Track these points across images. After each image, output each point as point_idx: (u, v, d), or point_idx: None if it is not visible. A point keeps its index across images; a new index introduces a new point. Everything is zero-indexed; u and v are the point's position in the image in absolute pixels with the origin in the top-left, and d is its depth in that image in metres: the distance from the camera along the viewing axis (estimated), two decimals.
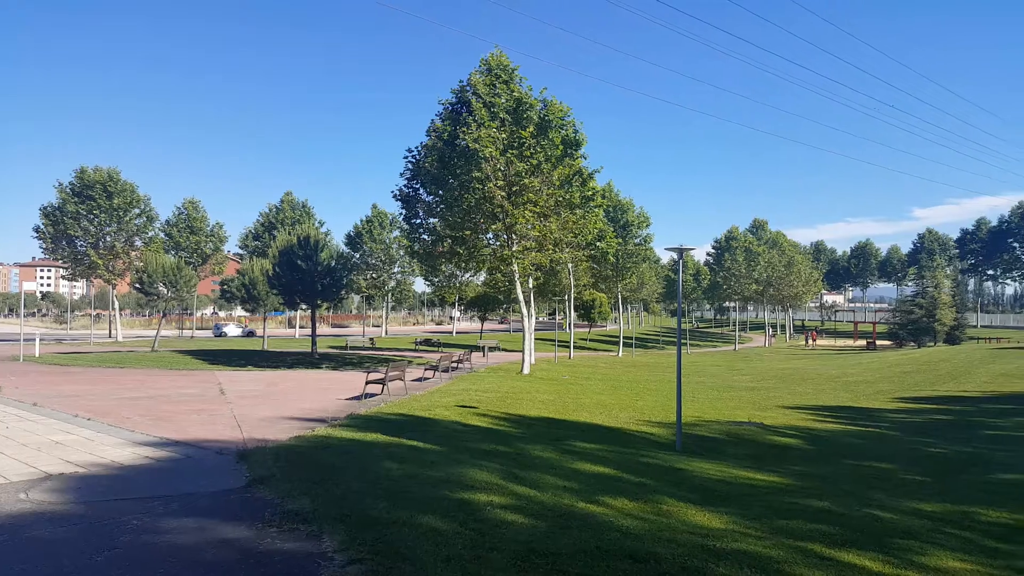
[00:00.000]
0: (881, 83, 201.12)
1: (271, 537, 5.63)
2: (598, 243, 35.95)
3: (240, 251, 67.18)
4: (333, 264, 36.19)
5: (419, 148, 27.43)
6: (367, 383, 17.78)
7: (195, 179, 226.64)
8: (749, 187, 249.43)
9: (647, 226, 51.98)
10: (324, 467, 8.48)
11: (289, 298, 36.39)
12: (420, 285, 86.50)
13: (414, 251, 30.84)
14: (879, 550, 6.19)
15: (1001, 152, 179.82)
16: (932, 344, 61.99)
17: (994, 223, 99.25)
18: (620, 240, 47.50)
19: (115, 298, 56.42)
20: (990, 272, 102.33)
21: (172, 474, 8.44)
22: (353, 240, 63.64)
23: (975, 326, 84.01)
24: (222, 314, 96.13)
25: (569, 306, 50.23)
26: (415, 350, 45.22)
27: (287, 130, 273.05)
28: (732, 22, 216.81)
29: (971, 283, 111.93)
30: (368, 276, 63.55)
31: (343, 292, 41.17)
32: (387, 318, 76.04)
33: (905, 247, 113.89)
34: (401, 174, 28.14)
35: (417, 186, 28.14)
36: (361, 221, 63.87)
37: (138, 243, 53.10)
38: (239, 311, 76.88)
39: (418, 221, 29.05)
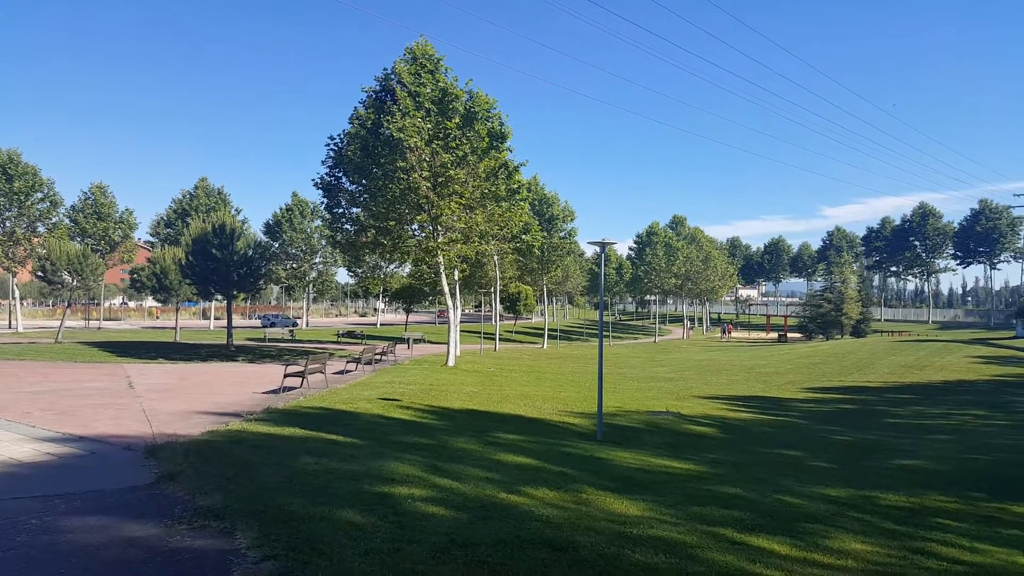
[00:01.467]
0: (794, 85, 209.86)
1: (180, 535, 5.40)
2: (524, 236, 36.07)
3: (151, 239, 64.26)
4: (250, 253, 35.08)
5: (341, 136, 26.82)
6: (285, 376, 17.31)
7: (103, 163, 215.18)
8: (670, 184, 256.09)
9: (572, 220, 52.58)
10: (238, 462, 8.20)
11: (203, 288, 35.07)
12: (343, 276, 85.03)
13: (336, 241, 30.17)
14: (787, 534, 6.45)
15: (905, 155, 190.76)
16: (839, 337, 65.30)
17: (898, 222, 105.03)
18: (545, 234, 47.85)
19: (15, 287, 52.99)
20: (893, 269, 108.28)
21: (76, 471, 8.01)
22: (272, 229, 61.78)
23: (879, 320, 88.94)
24: (132, 304, 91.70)
25: (495, 298, 50.34)
26: (337, 342, 44.38)
27: (202, 114, 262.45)
28: (657, 23, 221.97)
29: (876, 279, 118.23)
30: (288, 266, 61.86)
31: (261, 282, 39.95)
32: (308, 309, 74.31)
33: (815, 244, 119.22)
34: (323, 162, 27.44)
35: (339, 174, 27.52)
36: (281, 209, 62.04)
37: (41, 229, 49.96)
38: (149, 301, 73.61)
39: (340, 210, 28.42)
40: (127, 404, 14.16)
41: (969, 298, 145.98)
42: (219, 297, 38.32)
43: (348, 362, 24.21)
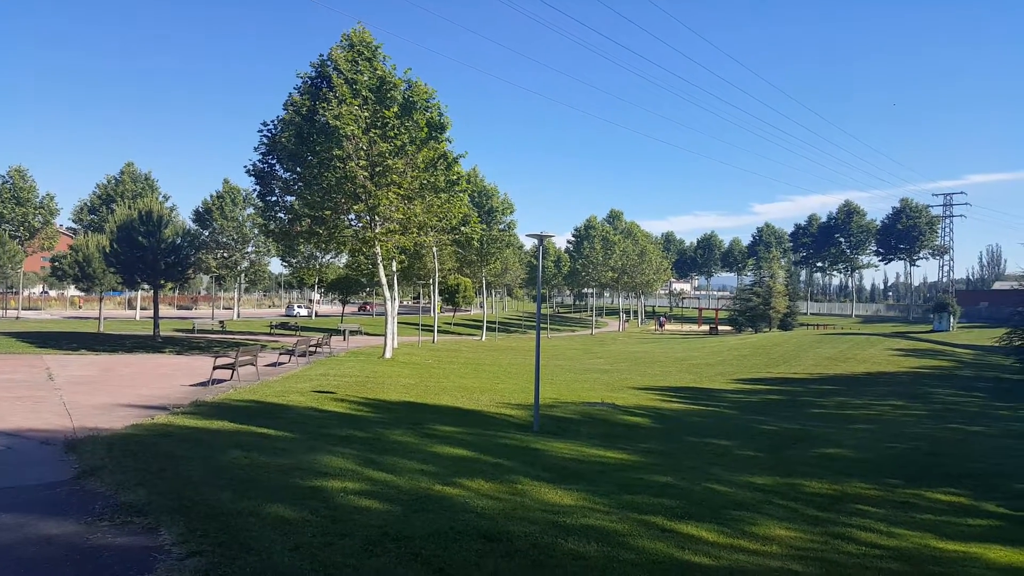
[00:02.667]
0: (728, 85, 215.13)
1: (101, 532, 5.17)
2: (463, 228, 35.92)
3: (74, 225, 61.28)
4: (178, 241, 33.86)
5: (275, 122, 26.13)
6: (215, 368, 16.78)
7: (22, 146, 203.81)
8: (608, 178, 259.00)
9: (511, 213, 52.64)
10: (163, 457, 7.91)
11: (128, 277, 33.67)
12: (277, 266, 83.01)
13: (269, 230, 29.42)
14: (715, 521, 6.62)
15: (832, 155, 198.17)
16: (767, 330, 67.46)
17: (824, 220, 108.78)
18: (485, 226, 47.78)
19: None
20: (819, 264, 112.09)
21: None
22: (202, 216, 59.68)
23: (805, 313, 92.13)
24: (53, 293, 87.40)
25: (434, 290, 50.03)
26: (270, 334, 43.31)
27: (130, 98, 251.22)
28: (594, 18, 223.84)
29: (803, 274, 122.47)
30: (218, 255, 59.92)
31: (190, 271, 38.62)
32: (239, 300, 72.27)
33: (746, 239, 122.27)
34: (255, 148, 26.69)
35: (273, 162, 26.82)
36: (211, 197, 59.97)
37: None
38: (72, 291, 70.44)
39: (274, 198, 27.71)
40: (46, 397, 13.51)
41: (890, 293, 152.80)
42: (145, 287, 36.82)
43: (281, 354, 23.68)
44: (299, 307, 74.51)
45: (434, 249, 38.92)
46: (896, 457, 12.41)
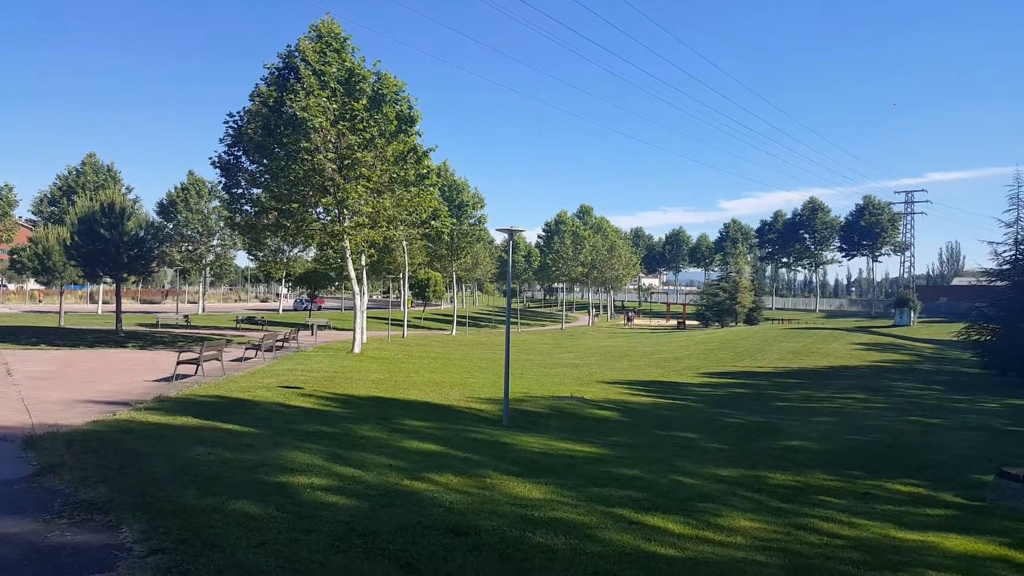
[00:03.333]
0: (696, 82, 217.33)
1: (60, 530, 5.05)
2: (433, 222, 35.77)
3: (34, 217, 59.74)
4: (142, 234, 33.19)
5: (241, 113, 25.69)
6: (179, 363, 16.51)
7: None
8: (578, 174, 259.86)
9: (482, 207, 52.47)
10: (126, 453, 7.76)
11: (90, 270, 32.94)
12: (243, 260, 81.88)
13: (235, 223, 28.95)
14: (681, 513, 6.69)
15: (797, 152, 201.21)
16: (734, 324, 68.41)
17: (789, 216, 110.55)
18: (455, 220, 47.62)
19: None
20: (784, 260, 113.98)
21: None
22: (166, 209, 58.50)
23: (770, 308, 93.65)
24: (12, 287, 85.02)
25: (403, 284, 49.76)
26: (236, 328, 42.73)
27: (91, 88, 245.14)
28: (569, 16, 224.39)
29: (768, 269, 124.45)
30: (183, 248, 58.82)
31: (153, 265, 37.85)
32: (204, 294, 71.16)
33: (713, 235, 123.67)
34: (221, 140, 26.20)
35: (239, 153, 26.37)
36: (176, 188, 58.83)
37: None
38: (32, 284, 68.62)
39: (240, 191, 27.26)
40: (3, 393, 13.15)
41: (853, 288, 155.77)
42: (108, 280, 36.05)
43: (247, 349, 23.34)
44: (305, 299, 72.82)
45: (404, 243, 38.69)
46: (858, 449, 12.67)
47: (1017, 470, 8.84)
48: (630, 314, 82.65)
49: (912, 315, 61.62)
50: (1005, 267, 26.33)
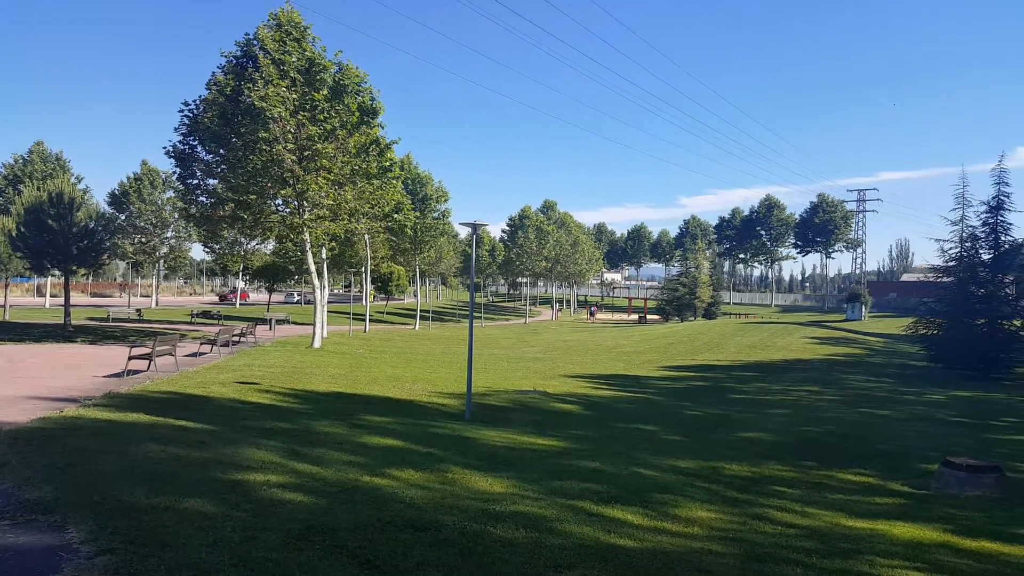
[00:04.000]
0: (656, 79, 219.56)
1: (2, 531, 4.86)
2: (396, 215, 35.47)
3: None
4: (92, 225, 32.20)
5: (197, 102, 25.11)
6: (130, 359, 16.06)
7: None
8: (542, 169, 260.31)
9: (446, 201, 52.23)
10: (73, 451, 7.52)
11: (37, 262, 31.86)
12: (199, 252, 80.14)
13: (190, 214, 28.33)
14: (641, 504, 6.76)
15: (755, 151, 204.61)
16: (693, 319, 69.37)
17: (746, 213, 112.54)
18: (419, 213, 47.32)
19: None
20: (742, 256, 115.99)
21: None
22: (118, 199, 56.90)
23: (728, 303, 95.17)
24: None
25: (366, 278, 49.29)
26: (191, 323, 41.82)
27: (38, 72, 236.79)
28: (535, 13, 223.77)
29: (726, 265, 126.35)
30: (136, 240, 57.35)
31: (104, 257, 36.78)
32: (158, 287, 69.46)
33: (673, 231, 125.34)
34: (176, 129, 25.55)
35: (195, 143, 25.77)
36: (128, 178, 57.24)
37: None
38: None
39: (195, 181, 26.64)
40: None
41: (807, 284, 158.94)
42: (56, 273, 34.95)
43: (202, 344, 22.85)
44: (297, 294, 71.51)
45: (366, 236, 38.29)
46: (811, 440, 12.97)
47: (960, 460, 9.13)
48: (593, 309, 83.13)
49: (863, 310, 63.18)
50: (951, 264, 27.15)
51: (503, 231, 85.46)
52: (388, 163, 27.19)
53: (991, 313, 25.45)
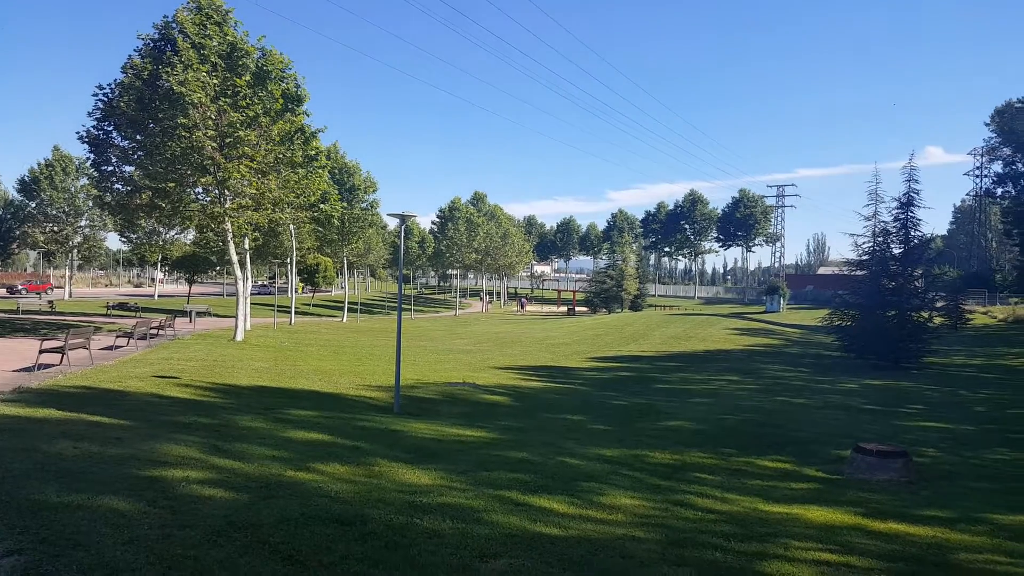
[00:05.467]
0: (581, 71, 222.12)
1: None
2: (322, 205, 34.75)
3: None
4: (0, 214, 30.42)
5: (113, 86, 23.99)
6: (41, 352, 15.25)
7: None
8: (472, 161, 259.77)
9: (374, 191, 51.48)
10: None
11: None
12: (115, 242, 76.63)
13: (105, 202, 27.08)
14: (567, 493, 6.88)
15: (678, 146, 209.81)
16: (620, 310, 70.73)
17: (671, 207, 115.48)
18: (346, 204, 46.52)
19: None
20: (667, 249, 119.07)
21: None
22: (28, 186, 53.84)
23: (654, 295, 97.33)
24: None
25: (291, 270, 48.18)
26: (107, 315, 39.99)
27: None
28: (465, 5, 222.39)
29: (652, 258, 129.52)
30: (47, 229, 54.41)
31: (13, 246, 34.81)
32: (71, 278, 66.11)
33: (601, 224, 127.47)
34: (90, 113, 24.36)
35: (110, 128, 24.64)
36: (39, 165, 54.27)
37: None
38: None
39: (110, 168, 25.50)
40: None
41: (729, 277, 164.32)
42: None
43: (118, 336, 21.90)
44: (266, 284, 68.48)
45: (291, 227, 37.40)
46: (731, 428, 13.45)
47: (871, 446, 9.63)
48: (523, 301, 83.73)
49: (782, 302, 65.64)
50: (864, 257, 28.35)
51: (433, 223, 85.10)
52: (314, 152, 26.63)
53: (901, 305, 26.65)
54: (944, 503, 7.78)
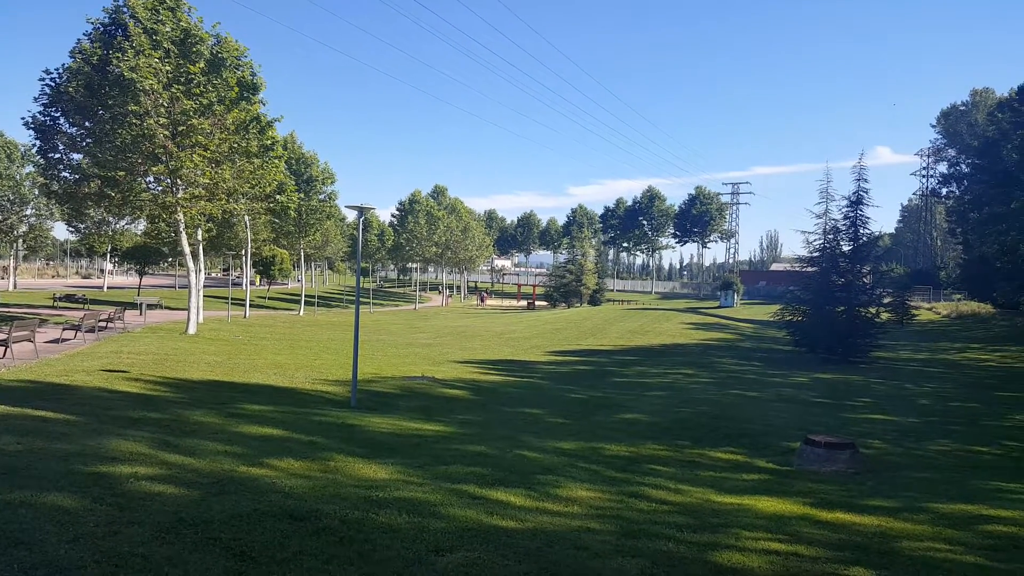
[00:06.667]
0: (544, 67, 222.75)
1: None
2: (278, 196, 34.17)
3: None
4: None
5: (60, 71, 23.23)
6: None
7: None
8: (433, 154, 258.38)
9: (332, 183, 50.79)
10: None
11: None
12: (62, 231, 74.27)
13: (52, 191, 26.26)
14: (524, 486, 6.91)
15: (637, 143, 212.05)
16: (579, 305, 71.27)
17: (630, 203, 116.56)
18: (303, 195, 45.80)
19: None
20: (625, 244, 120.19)
21: None
22: None
23: (612, 290, 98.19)
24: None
25: (246, 261, 47.32)
26: (54, 307, 38.76)
27: None
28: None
29: (611, 253, 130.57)
30: None
31: None
32: (16, 269, 63.78)
33: (561, 219, 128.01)
34: (36, 99, 23.56)
35: (57, 115, 23.88)
36: None
37: None
38: None
39: (57, 156, 24.73)
40: None
41: (685, 272, 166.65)
42: None
43: (65, 329, 21.25)
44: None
45: (246, 218, 36.73)
46: (685, 420, 13.68)
47: (819, 437, 9.91)
48: (483, 295, 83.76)
49: (736, 297, 66.88)
50: (815, 254, 29.05)
51: (393, 215, 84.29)
52: (270, 141, 26.19)
53: (850, 301, 27.40)
54: (889, 493, 8.04)
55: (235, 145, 24.08)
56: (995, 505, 7.32)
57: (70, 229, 54.62)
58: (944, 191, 70.49)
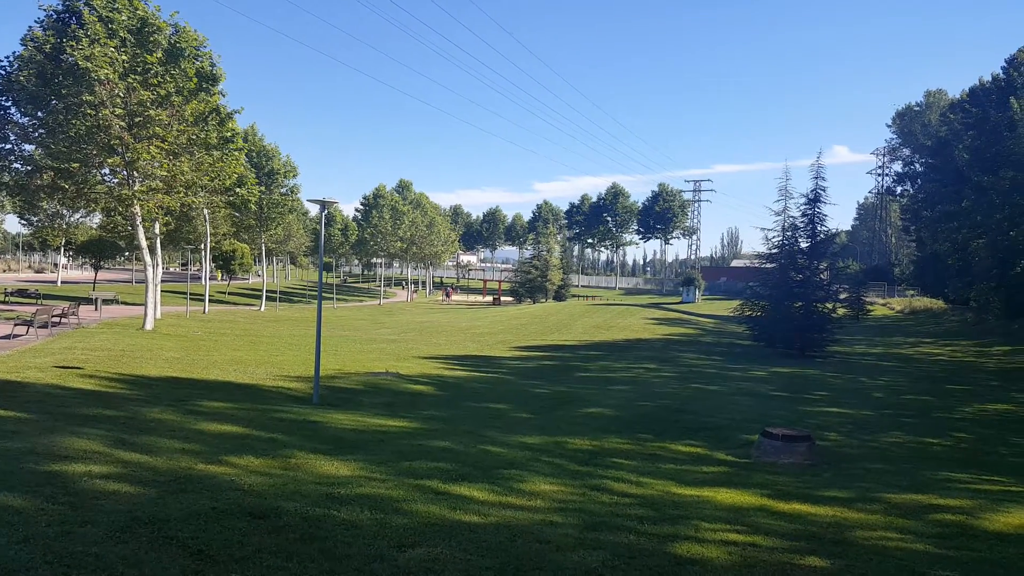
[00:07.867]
0: (511, 64, 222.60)
1: None
2: (238, 189, 33.55)
3: None
4: None
5: (11, 59, 22.54)
6: None
7: None
8: (398, 148, 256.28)
9: (294, 176, 49.98)
10: None
11: None
12: (13, 224, 72.02)
13: (3, 182, 25.46)
14: (487, 481, 6.93)
15: (602, 140, 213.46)
16: (544, 300, 71.49)
17: (594, 199, 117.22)
18: (264, 188, 45.04)
19: None
20: (589, 240, 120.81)
21: None
22: None
23: (577, 286, 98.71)
24: None
25: (205, 256, 46.41)
26: (5, 302, 37.56)
27: None
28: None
29: (575, 249, 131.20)
30: None
31: None
32: None
33: (527, 215, 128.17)
34: None
35: (8, 104, 23.19)
36: None
37: None
38: None
39: (8, 146, 23.99)
40: None
41: (648, 268, 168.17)
42: None
43: (17, 324, 20.63)
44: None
45: (205, 211, 36.03)
46: (647, 414, 13.85)
47: (777, 430, 10.11)
48: (448, 290, 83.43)
49: (697, 293, 67.73)
50: (774, 251, 29.58)
51: (357, 210, 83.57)
52: (230, 133, 25.75)
53: (808, 297, 27.96)
54: (843, 484, 8.24)
55: (194, 137, 23.59)
56: (944, 494, 7.57)
57: (22, 222, 53.03)
58: (899, 190, 72.36)
